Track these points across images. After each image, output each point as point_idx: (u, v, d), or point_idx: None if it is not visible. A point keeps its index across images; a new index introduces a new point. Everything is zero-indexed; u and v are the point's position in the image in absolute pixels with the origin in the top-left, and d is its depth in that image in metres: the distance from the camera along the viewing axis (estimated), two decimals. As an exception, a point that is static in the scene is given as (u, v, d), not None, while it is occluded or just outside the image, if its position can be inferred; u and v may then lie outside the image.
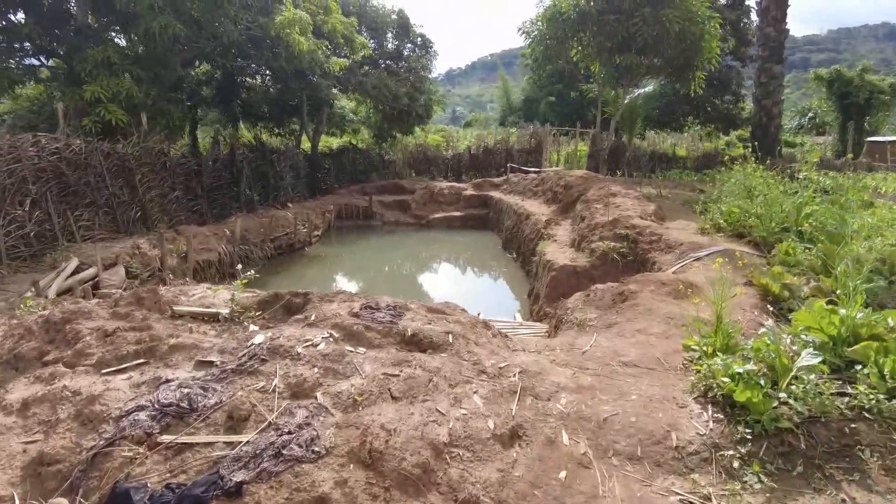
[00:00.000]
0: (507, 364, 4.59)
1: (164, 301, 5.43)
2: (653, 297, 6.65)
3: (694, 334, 5.19)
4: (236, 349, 4.45)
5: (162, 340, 4.51)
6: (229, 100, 27.64)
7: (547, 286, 10.39)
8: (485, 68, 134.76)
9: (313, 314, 4.99)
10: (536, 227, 15.18)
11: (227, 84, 25.30)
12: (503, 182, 24.77)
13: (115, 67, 15.10)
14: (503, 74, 60.91)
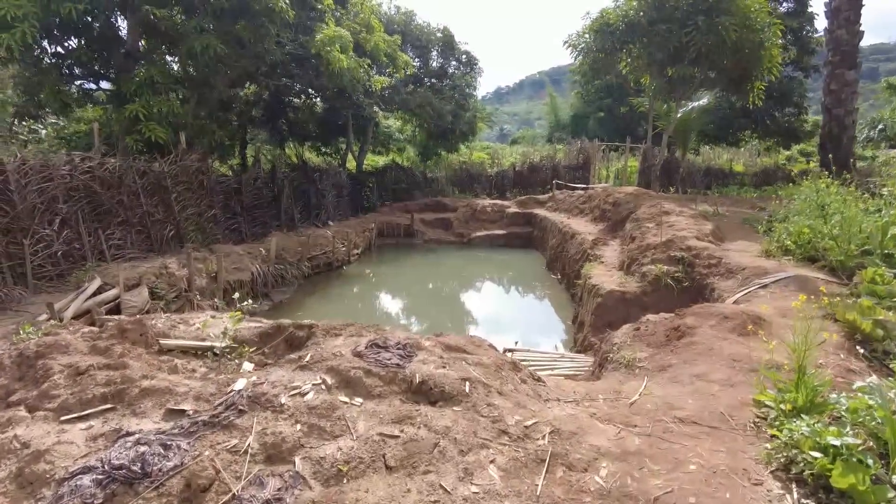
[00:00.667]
0: (535, 421, 3.73)
1: (152, 334, 4.83)
2: (714, 333, 5.64)
3: (767, 385, 4.20)
4: (214, 396, 3.76)
5: (133, 382, 3.88)
6: (276, 119, 27.85)
7: (592, 313, 9.41)
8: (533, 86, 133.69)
9: (309, 354, 4.26)
10: (582, 248, 14.18)
11: (274, 104, 25.42)
12: (548, 199, 23.80)
13: (159, 87, 15.15)
14: (550, 91, 59.76)
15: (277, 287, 14.08)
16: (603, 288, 9.56)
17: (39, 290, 9.04)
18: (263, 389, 3.71)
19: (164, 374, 4.11)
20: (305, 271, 15.70)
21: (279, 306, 13.41)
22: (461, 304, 15.18)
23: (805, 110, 30.09)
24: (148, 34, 16.48)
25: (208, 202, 14.48)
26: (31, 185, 9.21)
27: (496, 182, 28.84)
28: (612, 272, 10.82)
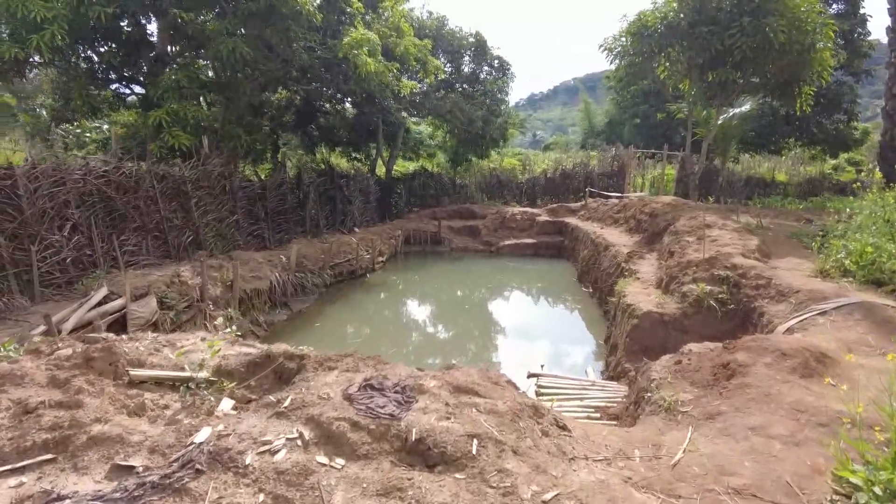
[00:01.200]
0: (556, 493, 2.99)
1: (123, 363, 4.24)
2: (771, 373, 4.79)
3: (850, 453, 3.37)
4: (172, 448, 3.14)
5: (83, 427, 3.28)
6: (307, 124, 27.60)
7: (627, 336, 8.56)
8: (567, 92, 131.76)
9: (290, 397, 3.60)
10: (616, 261, 13.29)
11: (305, 109, 25.15)
12: (581, 207, 22.87)
13: (185, 91, 14.88)
14: (585, 97, 58.67)
15: (297, 296, 13.57)
16: (639, 308, 8.71)
17: (47, 297, 8.67)
18: (228, 443, 3.07)
19: (121, 417, 3.51)
20: (327, 279, 15.18)
21: (298, 316, 12.90)
22: (486, 318, 14.42)
23: (856, 117, 28.41)
24: (176, 38, 16.28)
25: (230, 208, 14.09)
26: (41, 190, 8.87)
27: (527, 189, 27.99)
28: (649, 290, 9.93)
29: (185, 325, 9.58)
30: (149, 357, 4.59)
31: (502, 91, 29.70)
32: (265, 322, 11.82)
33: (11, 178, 8.38)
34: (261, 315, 11.82)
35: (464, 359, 10.84)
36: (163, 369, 4.36)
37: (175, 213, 12.09)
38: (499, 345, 11.90)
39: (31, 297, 8.50)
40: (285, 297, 13.02)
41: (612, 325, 10.16)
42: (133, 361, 4.35)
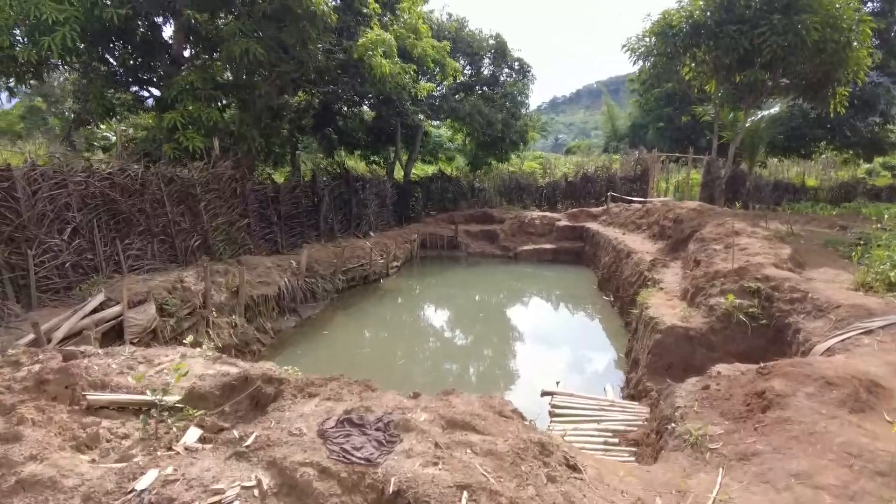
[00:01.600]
0: (559, 564, 2.46)
1: (81, 385, 3.82)
2: (814, 406, 4.18)
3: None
4: (110, 495, 2.68)
5: (13, 467, 2.85)
6: (326, 127, 27.37)
7: (649, 352, 7.95)
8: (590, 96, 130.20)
9: (254, 434, 3.12)
10: (638, 269, 12.63)
11: (323, 112, 24.92)
12: (602, 212, 22.15)
13: (199, 93, 14.65)
14: (607, 99, 57.56)
15: (307, 302, 13.18)
16: (662, 322, 8.08)
17: (44, 303, 8.37)
18: (174, 492, 2.60)
19: (62, 454, 3.06)
20: (339, 285, 14.77)
21: (307, 323, 12.50)
22: (501, 327, 13.83)
23: (892, 119, 27.18)
24: (191, 39, 16.09)
25: (241, 211, 13.77)
26: (41, 192, 8.59)
27: (547, 193, 27.33)
28: (674, 301, 9.28)
29: (186, 332, 9.21)
30: (117, 377, 4.17)
31: (522, 93, 29.12)
32: (272, 329, 11.43)
33: (9, 179, 8.10)
34: (268, 322, 11.44)
35: (476, 371, 10.31)
36: (130, 391, 3.93)
37: (183, 216, 11.79)
38: (513, 356, 11.29)
39: (28, 304, 8.21)
40: (294, 304, 12.63)
41: (634, 339, 9.53)
42: (95, 383, 3.92)
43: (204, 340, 9.32)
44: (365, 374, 9.69)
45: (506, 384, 9.67)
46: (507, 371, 10.41)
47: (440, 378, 9.64)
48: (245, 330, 10.33)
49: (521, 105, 29.32)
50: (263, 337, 10.96)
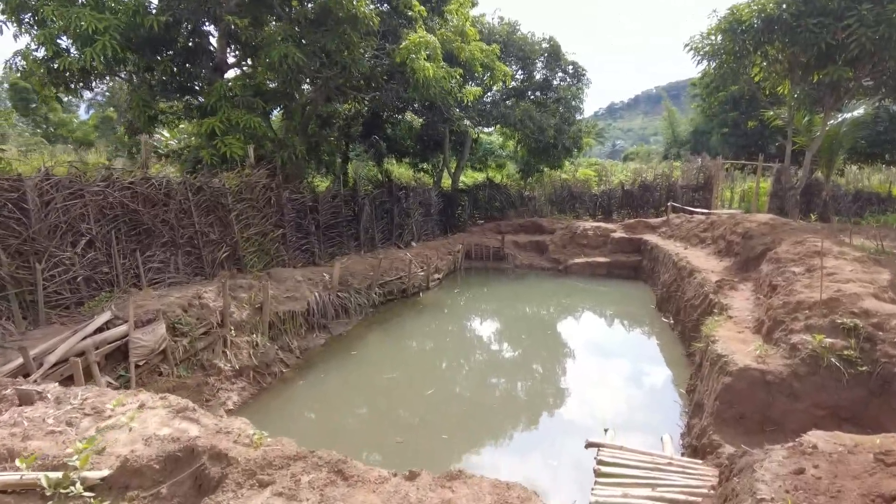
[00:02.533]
0: None
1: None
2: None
3: None
4: None
5: None
6: (374, 135, 26.88)
7: (717, 398, 6.62)
8: (649, 101, 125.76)
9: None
10: (703, 290, 11.15)
11: (372, 119, 24.40)
12: (661, 224, 20.50)
13: (237, 99, 14.25)
14: (668, 104, 54.90)
15: (339, 318, 12.40)
16: (733, 362, 6.73)
17: (52, 320, 7.86)
18: None
19: None
20: (375, 299, 13.93)
21: (337, 340, 11.69)
22: (544, 353, 12.50)
23: None
24: (232, 45, 15.74)
25: (276, 221, 13.17)
26: (55, 203, 8.12)
27: (601, 202, 25.74)
28: (745, 335, 7.87)
29: (201, 353, 8.55)
30: (43, 439, 3.35)
31: (576, 98, 27.69)
32: (298, 348, 10.67)
33: (19, 189, 7.63)
34: (294, 340, 10.69)
35: (512, 406, 9.12)
36: (43, 464, 3.09)
37: (212, 226, 11.23)
38: (556, 390, 9.87)
39: (36, 320, 7.71)
40: (325, 320, 11.86)
41: (697, 376, 8.16)
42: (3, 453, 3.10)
43: (220, 361, 8.64)
44: (387, 406, 8.81)
45: (546, 426, 8.46)
46: (547, 406, 9.15)
47: (468, 415, 8.54)
48: (266, 350, 9.59)
49: (576, 110, 27.89)
50: (288, 356, 10.21)
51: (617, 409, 8.95)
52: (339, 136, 25.08)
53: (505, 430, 8.18)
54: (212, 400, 8.06)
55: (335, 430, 7.96)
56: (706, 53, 17.96)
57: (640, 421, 8.42)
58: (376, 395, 9.19)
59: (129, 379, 7.39)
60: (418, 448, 7.45)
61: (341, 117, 24.10)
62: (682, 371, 9.95)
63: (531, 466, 7.18)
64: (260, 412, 8.31)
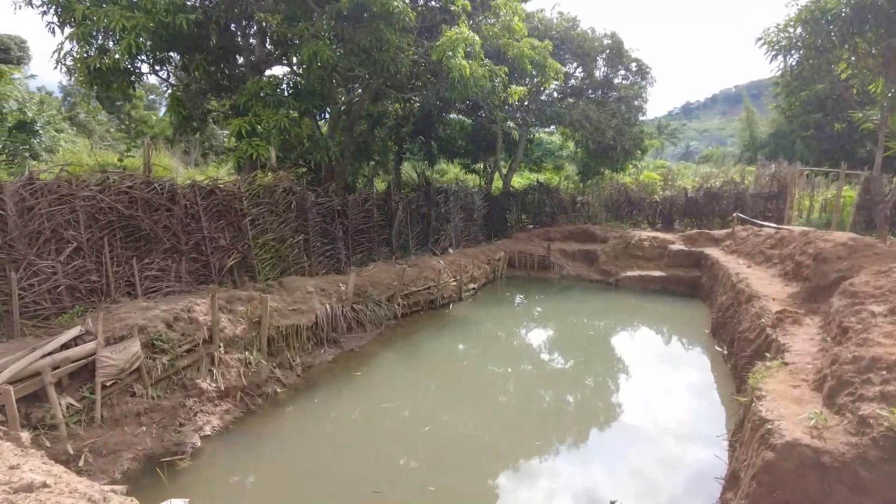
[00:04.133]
0: None
1: None
2: None
3: None
4: None
5: None
6: (425, 135, 26.07)
7: (755, 478, 5.18)
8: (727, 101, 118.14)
9: None
10: (759, 323, 9.46)
11: (423, 118, 23.58)
12: (726, 236, 18.42)
13: (267, 99, 13.70)
14: (748, 103, 50.86)
15: (354, 331, 11.55)
16: (779, 432, 5.25)
17: (28, 332, 7.40)
18: None
19: None
20: (398, 311, 12.99)
21: (347, 356, 10.83)
22: (576, 379, 11.07)
23: None
24: (265, 44, 15.25)
25: (297, 226, 12.48)
26: (39, 208, 7.66)
27: (662, 210, 23.65)
28: (802, 390, 6.28)
29: (183, 372, 7.88)
30: None
31: (639, 97, 25.69)
32: (301, 365, 9.88)
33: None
34: (298, 356, 9.91)
35: (521, 457, 7.81)
36: None
37: (222, 231, 10.64)
38: (573, 446, 8.09)
39: (10, 332, 7.27)
40: (335, 334, 11.04)
41: (739, 436, 6.65)
42: None
43: (204, 381, 7.94)
44: (376, 444, 7.75)
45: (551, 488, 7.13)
46: (558, 465, 7.69)
47: (467, 464, 7.36)
48: (259, 369, 8.84)
49: (638, 110, 25.89)
50: (287, 375, 9.43)
51: (648, 451, 7.54)
52: (389, 137, 24.44)
53: (508, 487, 6.97)
54: (187, 424, 7.36)
55: (310, 470, 7.05)
56: (783, 48, 15.76)
57: (669, 482, 6.99)
58: (368, 429, 8.21)
59: (94, 401, 6.79)
60: (397, 502, 6.40)
61: (392, 117, 23.41)
62: (731, 410, 8.37)
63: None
64: (237, 441, 7.54)
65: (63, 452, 6.26)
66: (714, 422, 8.73)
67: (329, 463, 7.16)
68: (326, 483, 6.71)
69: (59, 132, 27.76)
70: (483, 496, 6.74)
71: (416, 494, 6.56)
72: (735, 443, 6.96)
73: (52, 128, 26.95)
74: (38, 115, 25.55)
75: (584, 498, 6.67)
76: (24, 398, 6.38)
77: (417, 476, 6.97)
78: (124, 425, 6.88)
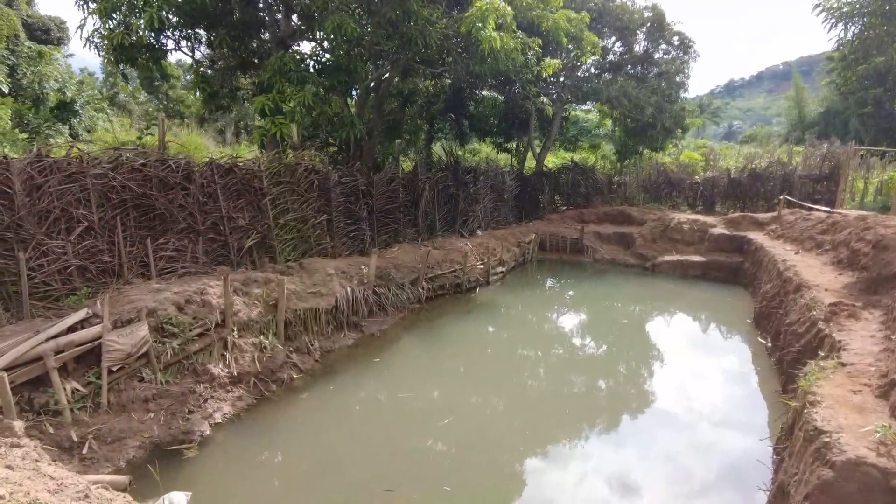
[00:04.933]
0: None
1: None
2: None
3: None
4: None
5: None
6: (456, 112, 25.31)
7: (809, 500, 4.52)
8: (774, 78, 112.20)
9: None
10: (810, 316, 8.60)
11: (454, 95, 22.82)
12: (771, 220, 17.26)
13: (291, 75, 13.23)
14: (798, 81, 48.03)
15: (376, 315, 11.14)
16: (838, 446, 4.56)
17: (39, 314, 7.19)
18: None
19: None
20: (421, 294, 12.51)
21: (368, 340, 10.43)
22: (609, 366, 10.44)
23: None
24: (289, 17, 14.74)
25: (320, 206, 12.08)
26: (48, 187, 7.40)
27: (703, 192, 22.40)
28: (863, 396, 5.53)
29: (194, 356, 7.59)
30: None
31: (681, 73, 24.28)
32: (320, 349, 9.52)
33: (4, 173, 6.94)
34: (316, 340, 9.55)
35: (538, 457, 7.23)
36: None
37: (241, 211, 10.29)
38: (601, 444, 7.50)
39: (20, 313, 7.07)
40: (356, 317, 10.64)
41: (787, 444, 5.95)
42: None
43: (216, 366, 7.64)
44: (390, 437, 7.27)
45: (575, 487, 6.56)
46: (583, 464, 7.14)
47: (484, 460, 6.87)
48: (275, 354, 8.51)
49: (680, 87, 24.51)
50: (304, 360, 9.08)
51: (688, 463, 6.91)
52: (419, 115, 23.77)
53: (530, 486, 6.45)
54: (196, 411, 7.07)
55: (320, 463, 6.66)
56: (844, 15, 14.45)
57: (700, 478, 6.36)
58: (384, 420, 7.79)
59: (100, 386, 6.53)
60: (409, 503, 5.97)
61: (422, 95, 22.72)
62: (774, 415, 7.64)
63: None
64: (247, 430, 7.22)
65: (66, 439, 6.03)
66: (754, 416, 8.03)
67: (340, 456, 6.77)
68: (336, 478, 6.31)
69: (97, 112, 28.07)
70: (502, 496, 6.25)
71: (430, 494, 6.11)
72: (782, 451, 6.26)
73: (91, 108, 27.24)
74: (78, 94, 25.80)
75: (617, 486, 6.13)
76: (29, 383, 6.16)
77: (433, 473, 6.52)
78: (131, 412, 6.62)
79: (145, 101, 40.15)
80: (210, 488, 6.05)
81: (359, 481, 6.25)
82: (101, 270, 8.01)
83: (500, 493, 6.30)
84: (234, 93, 16.15)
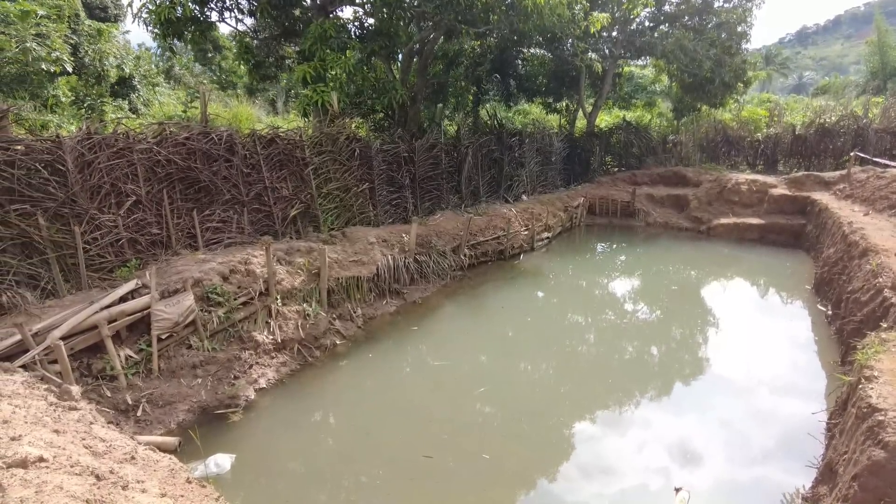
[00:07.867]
0: None
1: None
2: None
3: None
4: None
5: None
6: (504, 73, 24.58)
7: (858, 478, 4.25)
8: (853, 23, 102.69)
9: None
10: (875, 282, 8.00)
11: (500, 55, 22.13)
12: (839, 179, 16.08)
13: (332, 42, 13.12)
14: (881, 23, 43.55)
15: (417, 282, 11.17)
16: (893, 427, 4.23)
17: (94, 284, 7.57)
18: None
19: None
20: (464, 261, 12.44)
21: (410, 307, 10.50)
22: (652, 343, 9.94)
23: None
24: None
25: (362, 174, 12.10)
26: (98, 163, 7.68)
27: (765, 150, 21.06)
28: (929, 375, 5.11)
29: (239, 324, 7.84)
30: None
31: (743, 22, 22.54)
32: (363, 316, 9.67)
33: (56, 151, 7.23)
34: (358, 307, 9.69)
35: (581, 429, 7.10)
36: None
37: (284, 181, 10.43)
38: (647, 404, 7.39)
39: (78, 284, 7.47)
40: (398, 285, 10.71)
41: (838, 424, 5.60)
42: None
43: (260, 334, 7.88)
44: (427, 405, 7.35)
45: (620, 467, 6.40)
46: (625, 439, 6.89)
47: (521, 430, 6.83)
48: (318, 321, 8.68)
49: (741, 37, 22.79)
50: (347, 326, 9.25)
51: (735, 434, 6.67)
52: (465, 77, 23.25)
53: (563, 465, 6.37)
54: (241, 377, 7.35)
55: (360, 428, 6.81)
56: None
57: (744, 470, 6.10)
58: (420, 388, 7.87)
59: (150, 353, 6.86)
60: (448, 469, 6.02)
61: (468, 56, 22.15)
62: (832, 387, 7.22)
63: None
64: (290, 395, 7.46)
65: (122, 402, 6.40)
66: (810, 388, 7.64)
67: (380, 422, 6.90)
68: (376, 443, 6.45)
69: (154, 86, 28.92)
70: (541, 466, 6.21)
71: (469, 462, 6.15)
72: (834, 427, 5.91)
73: (147, 82, 28.08)
74: (135, 70, 26.62)
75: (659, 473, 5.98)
76: (87, 350, 6.54)
77: (473, 442, 6.53)
78: (180, 377, 6.94)
79: (200, 74, 41.03)
80: (254, 451, 6.30)
81: (398, 446, 6.37)
82: (150, 242, 8.34)
83: (538, 462, 6.27)
84: (280, 62, 16.21)
